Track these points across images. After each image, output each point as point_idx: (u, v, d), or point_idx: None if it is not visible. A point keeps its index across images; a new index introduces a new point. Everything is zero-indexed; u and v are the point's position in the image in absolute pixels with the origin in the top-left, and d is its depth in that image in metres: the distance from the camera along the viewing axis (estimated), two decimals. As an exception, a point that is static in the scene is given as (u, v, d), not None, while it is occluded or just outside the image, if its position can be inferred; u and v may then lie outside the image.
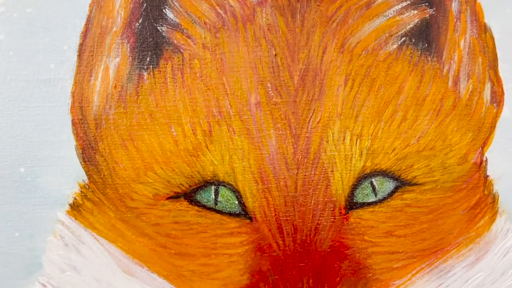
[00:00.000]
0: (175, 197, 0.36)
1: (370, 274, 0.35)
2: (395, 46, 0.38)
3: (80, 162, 0.37)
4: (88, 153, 0.37)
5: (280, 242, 0.35)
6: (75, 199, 0.37)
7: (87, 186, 0.37)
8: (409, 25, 0.38)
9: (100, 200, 0.36)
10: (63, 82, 0.36)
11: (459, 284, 0.36)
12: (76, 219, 0.37)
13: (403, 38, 0.38)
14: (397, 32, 0.38)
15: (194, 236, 0.36)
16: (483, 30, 0.39)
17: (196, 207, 0.36)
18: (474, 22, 0.39)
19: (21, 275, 0.34)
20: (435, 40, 0.39)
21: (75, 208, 0.37)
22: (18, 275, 0.34)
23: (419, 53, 0.38)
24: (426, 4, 0.38)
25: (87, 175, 0.37)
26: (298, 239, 0.35)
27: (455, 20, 0.39)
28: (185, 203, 0.36)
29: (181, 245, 0.35)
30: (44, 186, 0.36)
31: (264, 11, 0.37)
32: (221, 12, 0.37)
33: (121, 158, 0.35)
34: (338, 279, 0.35)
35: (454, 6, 0.39)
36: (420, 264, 0.36)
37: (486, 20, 0.40)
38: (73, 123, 0.37)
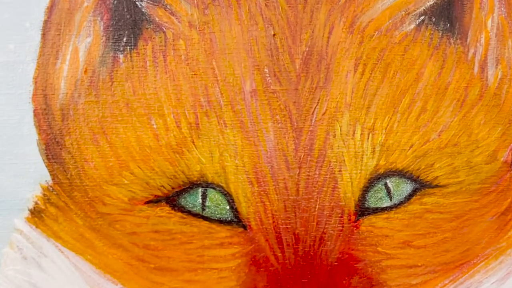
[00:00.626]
0: (155, 201, 0.32)
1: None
2: (412, 26, 0.34)
3: (43, 160, 0.33)
4: (52, 149, 0.33)
5: (279, 254, 0.30)
6: (36, 203, 0.33)
7: (51, 188, 0.33)
8: (428, 2, 0.35)
9: (67, 204, 0.32)
10: (24, 65, 0.32)
11: None
12: (37, 227, 0.33)
13: (422, 17, 0.35)
14: (415, 10, 0.35)
15: (177, 248, 0.32)
16: None
17: (179, 213, 0.32)
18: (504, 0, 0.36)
19: None
20: (459, 19, 0.36)
21: (36, 214, 0.33)
22: None
23: (440, 34, 0.35)
24: None
25: (51, 175, 0.33)
26: (300, 251, 0.31)
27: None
28: (167, 208, 0.32)
29: (162, 258, 0.31)
30: (7, 194, 0.32)
31: None
32: None
33: (91, 155, 0.31)
34: None
35: None
36: (442, 280, 0.33)
37: None
38: (35, 114, 0.33)
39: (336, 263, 0.31)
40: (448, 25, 0.35)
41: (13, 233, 0.33)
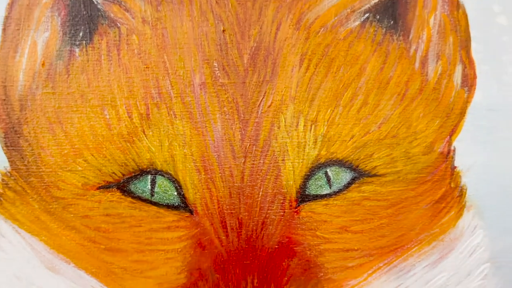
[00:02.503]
0: (106, 187, 0.33)
1: (322, 274, 0.32)
2: (357, 23, 0.35)
3: (2, 147, 0.33)
4: (11, 137, 0.33)
5: (223, 237, 0.32)
6: None
7: (9, 174, 0.33)
8: (373, 1, 0.36)
9: (24, 189, 0.33)
10: None
11: (419, 285, 0.33)
12: None
13: (366, 14, 0.35)
14: (360, 8, 0.35)
15: (127, 230, 0.32)
16: (456, 6, 0.36)
17: (129, 198, 0.32)
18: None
19: None
20: (402, 17, 0.36)
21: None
22: None
23: (383, 31, 0.35)
24: None
25: (9, 161, 0.34)
26: (243, 235, 0.32)
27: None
28: (118, 193, 0.32)
29: (112, 239, 0.32)
30: None
31: None
32: None
33: (47, 143, 0.32)
34: (286, 278, 0.31)
35: None
36: (377, 263, 0.33)
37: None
38: None
39: (276, 246, 0.32)
40: (392, 22, 0.36)
41: None
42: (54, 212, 0.33)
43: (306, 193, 0.33)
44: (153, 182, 0.32)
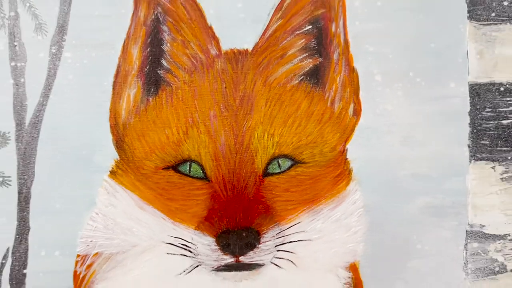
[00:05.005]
0: (167, 168, 0.56)
1: (274, 212, 0.55)
2: (296, 81, 0.57)
3: (114, 148, 0.57)
4: (119, 143, 0.57)
5: (224, 193, 0.55)
6: (112, 168, 0.57)
7: (118, 161, 0.57)
8: (306, 68, 0.58)
9: (126, 169, 0.56)
10: (106, 104, 0.57)
11: (324, 218, 0.57)
12: (112, 179, 0.57)
13: (302, 77, 0.58)
14: (299, 73, 0.58)
15: (177, 190, 0.55)
16: (352, 70, 0.59)
17: (178, 174, 0.55)
18: (347, 66, 0.59)
19: (85, 208, 0.56)
20: (321, 77, 0.58)
21: (113, 173, 0.57)
22: (84, 208, 0.57)
23: (311, 85, 0.58)
24: (318, 55, 0.58)
25: (119, 155, 0.57)
26: (235, 192, 0.55)
27: (334, 65, 0.58)
28: (172, 172, 0.55)
29: (170, 194, 0.55)
30: (97, 162, 0.57)
31: (219, 61, 0.57)
32: (194, 62, 0.57)
33: (137, 146, 0.56)
34: (256, 214, 0.55)
35: (335, 56, 0.58)
36: (303, 207, 0.57)
37: (354, 65, 0.59)
38: (111, 127, 0.57)
39: (251, 197, 0.55)
40: (315, 81, 0.58)
41: (103, 182, 0.56)
42: (141, 180, 0.56)
43: (267, 171, 0.55)
44: (190, 166, 0.55)
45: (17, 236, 0.57)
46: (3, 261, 0.56)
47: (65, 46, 0.58)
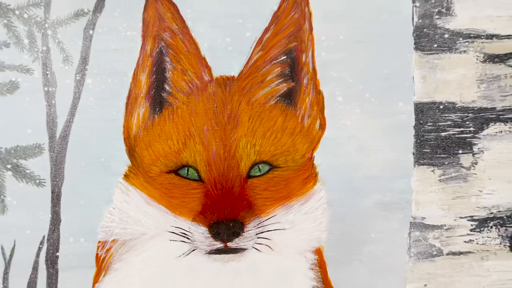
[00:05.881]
0: (169, 172, 0.64)
1: (255, 207, 0.64)
2: (274, 101, 0.66)
3: (128, 156, 0.66)
4: (131, 152, 0.66)
5: (215, 192, 0.63)
6: (126, 172, 0.66)
7: (131, 167, 0.66)
8: (281, 91, 0.66)
9: (136, 173, 0.65)
10: (120, 120, 0.66)
11: (295, 211, 0.66)
12: (126, 181, 0.66)
13: (278, 98, 0.66)
14: (276, 95, 0.66)
15: (177, 189, 0.64)
16: (318, 93, 0.68)
17: (178, 177, 0.64)
18: (314, 89, 0.68)
19: (105, 203, 0.67)
20: (294, 98, 0.67)
21: (126, 176, 0.66)
22: (104, 204, 0.66)
23: (285, 105, 0.66)
24: (291, 80, 0.67)
25: (131, 162, 0.66)
26: (224, 191, 0.63)
27: (304, 89, 0.67)
28: (173, 175, 0.64)
29: (172, 192, 0.64)
30: (114, 167, 0.66)
31: (211, 85, 0.66)
32: (191, 86, 0.66)
33: (145, 155, 0.65)
34: (241, 208, 0.64)
35: (305, 81, 0.67)
36: (278, 203, 0.65)
37: (320, 88, 0.68)
38: (124, 139, 0.66)
39: (237, 195, 0.63)
40: (290, 101, 0.66)
41: (118, 183, 0.65)
42: (149, 182, 0.64)
43: (250, 174, 0.64)
44: (187, 170, 0.63)
45: (51, 226, 0.69)
46: (40, 246, 0.70)
47: (87, 74, 0.68)
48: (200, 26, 0.68)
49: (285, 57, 0.68)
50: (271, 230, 0.66)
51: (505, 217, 0.71)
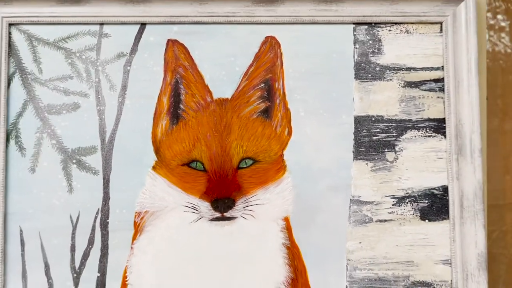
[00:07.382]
0: (183, 165, 0.87)
1: (243, 189, 0.86)
2: (256, 116, 0.88)
3: (155, 154, 0.88)
4: (157, 151, 0.88)
5: (215, 179, 0.86)
6: (153, 165, 0.88)
7: (157, 161, 0.88)
8: (261, 108, 0.89)
9: (161, 165, 0.87)
10: (149, 129, 0.92)
11: (271, 192, 0.89)
12: (154, 171, 0.87)
13: (259, 113, 0.88)
14: (257, 111, 0.89)
15: (188, 176, 0.87)
16: (287, 110, 0.89)
17: (190, 168, 0.87)
18: (284, 107, 0.89)
19: (139, 187, 0.91)
20: (270, 114, 0.89)
21: (154, 168, 0.88)
22: (139, 187, 0.92)
23: (264, 118, 0.88)
24: (268, 101, 0.90)
25: (157, 158, 0.88)
26: (221, 178, 0.86)
27: (277, 107, 0.89)
28: (186, 167, 0.87)
29: (185, 179, 0.87)
30: (145, 161, 0.90)
31: (212, 105, 0.88)
32: (198, 105, 0.89)
33: (167, 153, 0.87)
34: (233, 190, 0.86)
35: (277, 102, 0.90)
36: (259, 186, 0.88)
37: (288, 106, 0.90)
38: (152, 142, 0.88)
39: (230, 181, 0.86)
40: (267, 115, 0.89)
41: (148, 173, 0.88)
42: (169, 171, 0.87)
43: (239, 166, 0.86)
44: (196, 164, 0.86)
45: (103, 202, 0.91)
46: (96, 215, 1.00)
47: (126, 97, 0.91)
48: (204, 63, 0.92)
49: (263, 84, 0.90)
50: (254, 205, 0.89)
51: (417, 195, 0.91)
